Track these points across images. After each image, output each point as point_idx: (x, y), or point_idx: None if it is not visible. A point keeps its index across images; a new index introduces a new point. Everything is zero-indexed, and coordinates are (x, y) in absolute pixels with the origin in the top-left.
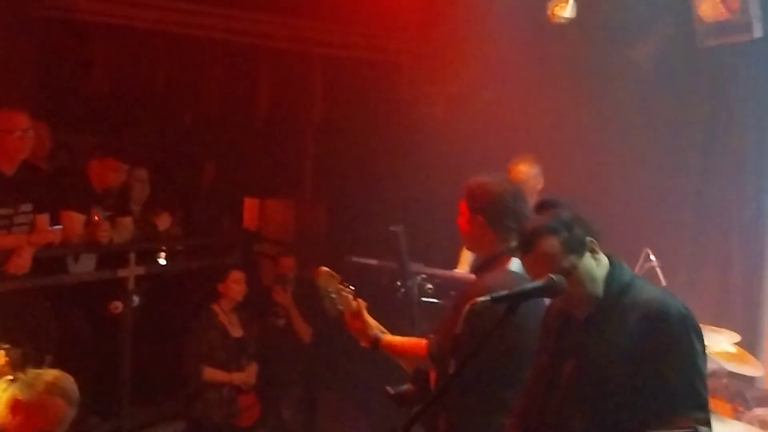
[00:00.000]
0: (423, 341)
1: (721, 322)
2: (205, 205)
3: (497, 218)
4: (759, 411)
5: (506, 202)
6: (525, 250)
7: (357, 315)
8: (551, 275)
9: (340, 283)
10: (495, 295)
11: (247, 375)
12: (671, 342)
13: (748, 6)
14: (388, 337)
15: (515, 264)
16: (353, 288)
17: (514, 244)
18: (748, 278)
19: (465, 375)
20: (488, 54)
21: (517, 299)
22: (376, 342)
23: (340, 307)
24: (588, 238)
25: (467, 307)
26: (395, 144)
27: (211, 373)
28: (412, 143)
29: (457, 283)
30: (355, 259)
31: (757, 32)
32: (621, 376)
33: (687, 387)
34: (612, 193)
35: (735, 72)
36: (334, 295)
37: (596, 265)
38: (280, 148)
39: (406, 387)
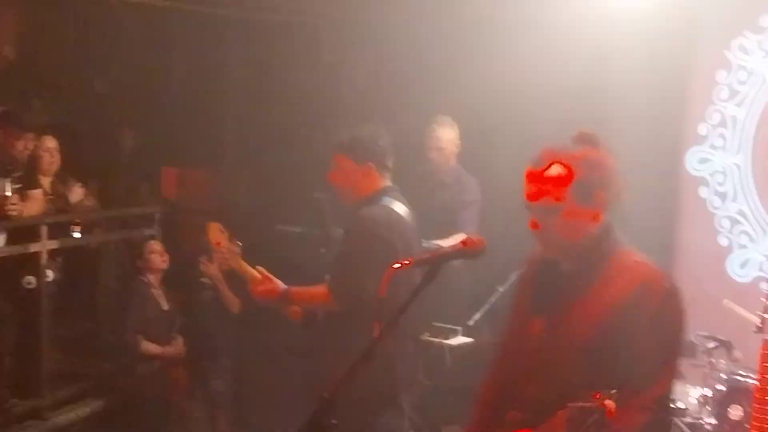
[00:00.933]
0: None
1: None
2: (121, 176)
3: (382, 160)
4: None
5: (385, 143)
6: (535, 166)
7: (263, 278)
8: (469, 237)
9: (229, 240)
10: (417, 258)
11: (177, 348)
12: (653, 315)
13: None
14: (295, 288)
15: (387, 200)
16: (240, 244)
17: (389, 183)
18: (661, 226)
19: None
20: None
21: (438, 262)
22: (286, 294)
23: (230, 263)
24: (598, 189)
25: (390, 270)
26: (317, 109)
27: (146, 347)
28: (335, 108)
29: None
30: (280, 227)
31: None
32: (589, 340)
33: (652, 364)
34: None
35: (644, 31)
36: (223, 251)
37: (595, 215)
38: (198, 116)
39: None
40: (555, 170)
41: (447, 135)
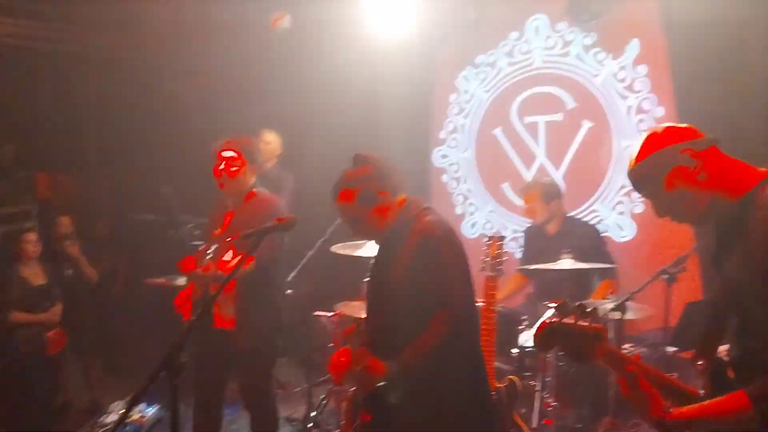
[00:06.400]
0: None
1: None
2: (2, 182)
3: (259, 161)
4: None
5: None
6: (332, 197)
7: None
8: (288, 215)
9: None
10: (244, 233)
11: (52, 314)
12: (434, 256)
13: (407, 18)
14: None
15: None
16: None
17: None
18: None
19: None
20: (229, 53)
21: (261, 235)
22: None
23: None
24: (378, 191)
25: (224, 242)
26: (160, 123)
27: (19, 316)
28: (174, 121)
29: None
30: (135, 216)
31: (414, 39)
32: (404, 282)
33: (445, 288)
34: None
35: (401, 67)
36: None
37: (386, 207)
38: (65, 132)
39: None
40: (340, 199)
41: (271, 137)
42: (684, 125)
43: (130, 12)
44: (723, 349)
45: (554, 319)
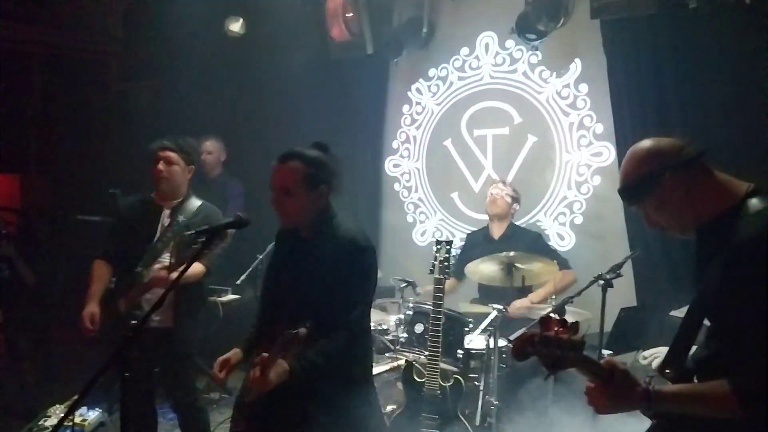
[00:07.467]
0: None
1: None
2: None
3: (197, 166)
4: None
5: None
6: (279, 160)
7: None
8: (239, 214)
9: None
10: (197, 229)
11: None
12: (354, 270)
13: (363, 30)
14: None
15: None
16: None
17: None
18: (371, 211)
19: None
20: (181, 57)
21: (213, 232)
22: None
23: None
24: (323, 185)
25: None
26: (109, 124)
27: None
28: (123, 123)
29: None
30: (79, 216)
31: (370, 50)
32: (317, 287)
33: (349, 303)
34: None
35: (356, 77)
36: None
37: (315, 203)
38: (3, 130)
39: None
40: (289, 165)
41: (214, 144)
42: (668, 138)
43: (77, 10)
44: (648, 354)
45: (535, 330)
